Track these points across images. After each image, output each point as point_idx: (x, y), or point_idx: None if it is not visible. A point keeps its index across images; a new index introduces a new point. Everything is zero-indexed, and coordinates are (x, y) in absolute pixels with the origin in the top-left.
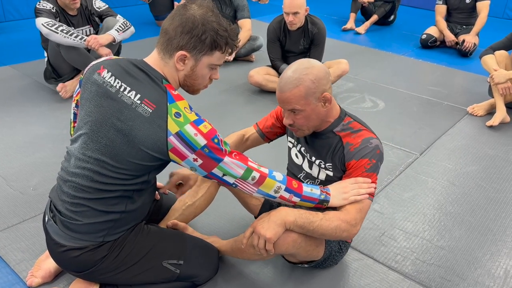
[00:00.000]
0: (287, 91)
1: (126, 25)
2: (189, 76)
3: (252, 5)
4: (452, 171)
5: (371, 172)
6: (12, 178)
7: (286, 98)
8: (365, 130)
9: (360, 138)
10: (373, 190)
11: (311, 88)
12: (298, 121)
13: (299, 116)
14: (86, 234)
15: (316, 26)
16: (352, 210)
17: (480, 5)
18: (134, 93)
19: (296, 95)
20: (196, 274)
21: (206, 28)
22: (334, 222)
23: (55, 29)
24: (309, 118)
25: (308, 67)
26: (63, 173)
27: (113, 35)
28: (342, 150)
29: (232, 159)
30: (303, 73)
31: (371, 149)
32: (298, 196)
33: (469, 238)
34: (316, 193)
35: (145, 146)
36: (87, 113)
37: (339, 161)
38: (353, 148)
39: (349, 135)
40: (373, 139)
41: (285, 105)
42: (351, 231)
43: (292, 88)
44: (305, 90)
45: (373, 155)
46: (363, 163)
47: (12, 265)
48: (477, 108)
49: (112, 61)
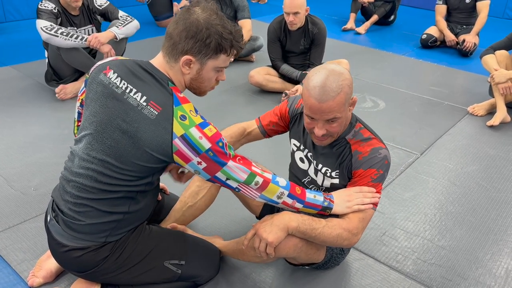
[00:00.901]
0: (329, 100)
1: (126, 19)
2: (195, 79)
3: (252, 5)
4: (453, 171)
5: (377, 182)
6: (13, 179)
7: (329, 107)
8: (374, 139)
9: (370, 147)
10: (377, 200)
11: (348, 94)
12: (333, 129)
13: (335, 124)
14: (88, 234)
15: (317, 26)
16: (355, 219)
17: (480, 5)
18: (140, 95)
19: (339, 102)
20: (197, 274)
21: (210, 32)
22: (336, 230)
23: (54, 33)
24: (341, 124)
25: (341, 73)
26: (67, 173)
27: (114, 32)
28: (350, 158)
29: (236, 164)
30: (341, 79)
31: (380, 159)
32: (301, 202)
33: (470, 237)
34: (320, 199)
35: (150, 148)
36: (92, 113)
37: (346, 169)
38: (361, 157)
39: (358, 143)
40: (382, 149)
41: (326, 114)
42: (351, 240)
43: (335, 96)
44: (345, 96)
45: (381, 165)
46: (371, 173)
47: (14, 265)
48: (478, 108)
49: (118, 62)
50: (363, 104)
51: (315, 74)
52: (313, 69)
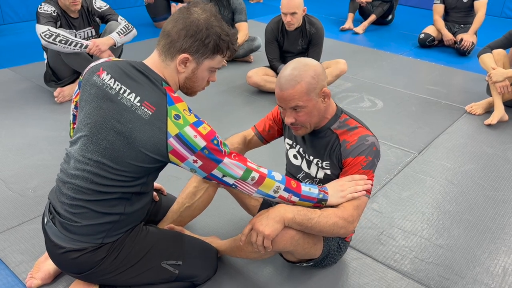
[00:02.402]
0: (289, 88)
1: (128, 28)
2: (189, 78)
3: (249, 6)
4: (451, 170)
5: (368, 169)
6: (11, 180)
7: (289, 95)
8: (361, 128)
9: (357, 135)
10: (370, 186)
11: (312, 83)
12: (300, 118)
13: (302, 113)
14: (85, 235)
15: (314, 26)
16: (349, 207)
17: (477, 4)
18: (134, 96)
19: (299, 91)
20: (195, 274)
21: (209, 33)
22: (331, 219)
23: (52, 40)
24: (311, 114)
25: (306, 64)
26: (62, 175)
27: (114, 39)
28: (339, 147)
29: (231, 160)
30: (303, 70)
31: (367, 146)
32: (297, 195)
33: (468, 236)
34: (315, 192)
35: (145, 148)
36: (86, 115)
37: (336, 159)
38: (349, 145)
39: (346, 132)
40: (369, 137)
41: (288, 103)
42: (348, 228)
43: (294, 85)
44: (307, 86)
45: (370, 152)
46: (360, 160)
47: (12, 267)
48: (475, 107)
49: (112, 63)
50: (361, 104)
51: (285, 66)
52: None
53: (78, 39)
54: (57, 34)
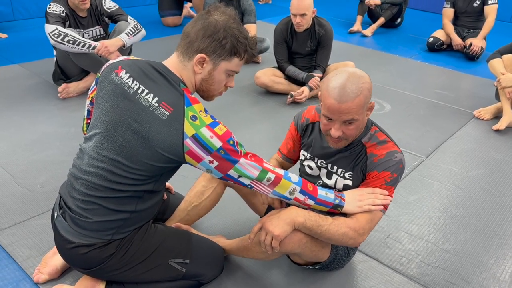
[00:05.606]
0: (349, 101)
1: (137, 28)
2: (205, 80)
3: (258, 7)
4: (458, 175)
5: (390, 185)
6: (20, 176)
7: (347, 108)
8: (390, 143)
9: (385, 150)
10: (389, 202)
11: (368, 97)
12: (349, 132)
13: (352, 127)
14: (95, 231)
15: (323, 28)
16: (363, 219)
17: (487, 9)
18: (152, 96)
19: (357, 104)
20: (201, 273)
21: (227, 34)
22: (342, 228)
23: (61, 40)
24: (358, 127)
25: (362, 76)
26: (75, 170)
27: (123, 40)
28: (365, 160)
29: (247, 161)
30: (361, 82)
31: (395, 163)
32: (312, 199)
33: (475, 241)
34: (331, 197)
35: (162, 149)
36: (103, 112)
37: (361, 171)
38: (376, 159)
39: (374, 146)
40: (398, 153)
41: (343, 115)
42: (357, 240)
43: (354, 98)
44: (364, 99)
45: (396, 169)
46: (385, 175)
47: (19, 262)
48: (484, 112)
49: (130, 62)
50: None
51: (335, 76)
52: (333, 71)
53: (86, 39)
54: (66, 34)
